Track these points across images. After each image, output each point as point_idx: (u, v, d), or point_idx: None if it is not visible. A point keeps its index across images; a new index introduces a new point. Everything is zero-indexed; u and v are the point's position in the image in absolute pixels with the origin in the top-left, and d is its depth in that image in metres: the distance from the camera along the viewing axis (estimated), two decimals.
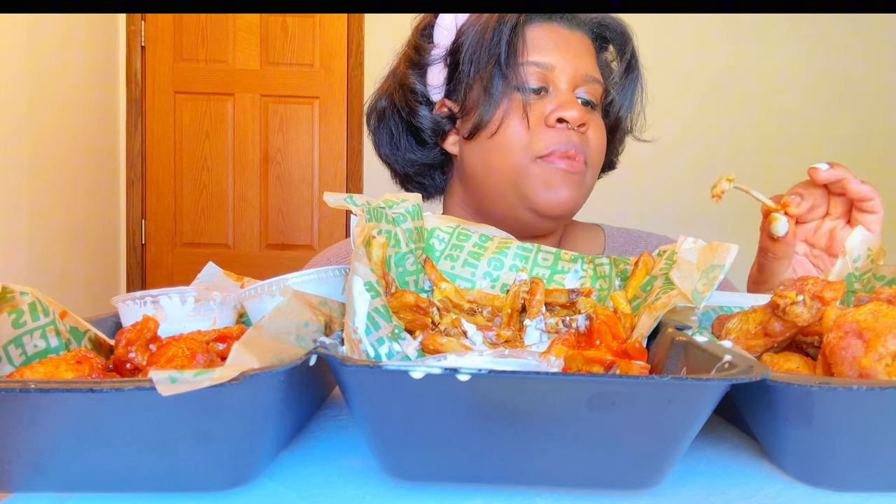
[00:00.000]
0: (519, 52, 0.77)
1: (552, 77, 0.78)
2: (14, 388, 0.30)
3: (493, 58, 0.76)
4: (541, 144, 0.76)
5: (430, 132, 0.85)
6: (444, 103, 0.84)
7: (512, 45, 0.77)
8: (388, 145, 0.89)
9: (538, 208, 0.78)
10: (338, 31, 2.96)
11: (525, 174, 0.77)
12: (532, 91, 0.78)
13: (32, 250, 2.35)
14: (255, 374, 0.31)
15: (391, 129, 0.88)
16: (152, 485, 0.33)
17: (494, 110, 0.78)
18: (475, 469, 0.33)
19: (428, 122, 0.84)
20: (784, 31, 2.94)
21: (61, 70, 2.48)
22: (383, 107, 0.88)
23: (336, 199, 0.53)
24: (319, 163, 3.03)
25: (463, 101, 0.81)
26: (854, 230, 0.58)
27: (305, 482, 0.36)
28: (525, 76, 0.77)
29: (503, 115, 0.78)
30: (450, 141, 0.85)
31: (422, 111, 0.84)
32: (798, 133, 2.98)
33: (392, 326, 0.46)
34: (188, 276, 0.65)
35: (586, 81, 0.79)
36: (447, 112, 0.84)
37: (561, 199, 0.77)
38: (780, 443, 0.36)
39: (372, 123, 0.90)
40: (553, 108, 0.76)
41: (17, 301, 0.42)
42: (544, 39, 0.79)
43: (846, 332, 0.37)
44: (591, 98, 0.80)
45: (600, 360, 0.37)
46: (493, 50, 0.77)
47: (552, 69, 0.78)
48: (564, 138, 0.76)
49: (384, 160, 0.91)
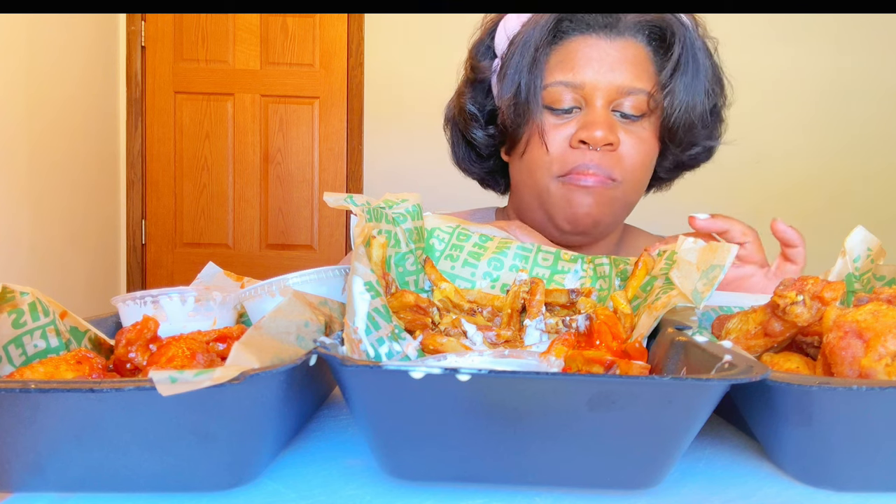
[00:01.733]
0: (544, 73, 0.76)
1: (586, 94, 0.76)
2: (14, 388, 0.30)
3: (515, 84, 0.76)
4: (557, 166, 0.77)
5: (485, 147, 0.88)
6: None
7: (535, 69, 0.76)
8: (454, 154, 0.94)
9: (560, 225, 0.80)
10: (338, 31, 2.96)
11: (547, 193, 0.79)
12: (563, 111, 0.77)
13: (32, 250, 2.35)
14: (255, 374, 0.31)
15: (454, 141, 0.93)
16: (152, 485, 0.33)
17: (521, 132, 0.79)
18: (475, 469, 0.33)
19: (482, 140, 0.87)
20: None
21: (61, 70, 2.48)
22: (448, 118, 0.92)
23: (336, 199, 0.53)
24: (319, 163, 3.03)
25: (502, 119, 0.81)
26: (854, 230, 0.58)
27: (305, 482, 0.36)
28: (555, 96, 0.76)
29: (528, 137, 0.79)
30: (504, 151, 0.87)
31: (474, 132, 0.87)
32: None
33: (392, 326, 0.46)
34: (188, 276, 0.65)
35: (626, 94, 0.75)
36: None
37: (580, 214, 0.77)
38: (780, 443, 0.36)
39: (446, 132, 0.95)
40: (577, 129, 0.76)
41: (17, 301, 0.42)
42: (576, 55, 0.76)
43: (846, 332, 0.37)
44: (634, 111, 0.76)
45: (600, 360, 0.37)
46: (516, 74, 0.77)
47: (582, 87, 0.75)
48: (583, 159, 0.75)
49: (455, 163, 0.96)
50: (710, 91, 0.80)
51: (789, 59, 2.95)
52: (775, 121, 2.96)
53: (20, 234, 2.28)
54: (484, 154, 0.90)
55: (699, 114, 0.78)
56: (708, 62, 0.79)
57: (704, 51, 0.79)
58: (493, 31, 0.83)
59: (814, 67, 2.95)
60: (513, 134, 0.80)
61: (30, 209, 2.32)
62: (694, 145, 0.83)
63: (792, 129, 2.97)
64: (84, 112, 2.65)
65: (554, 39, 0.78)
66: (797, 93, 2.96)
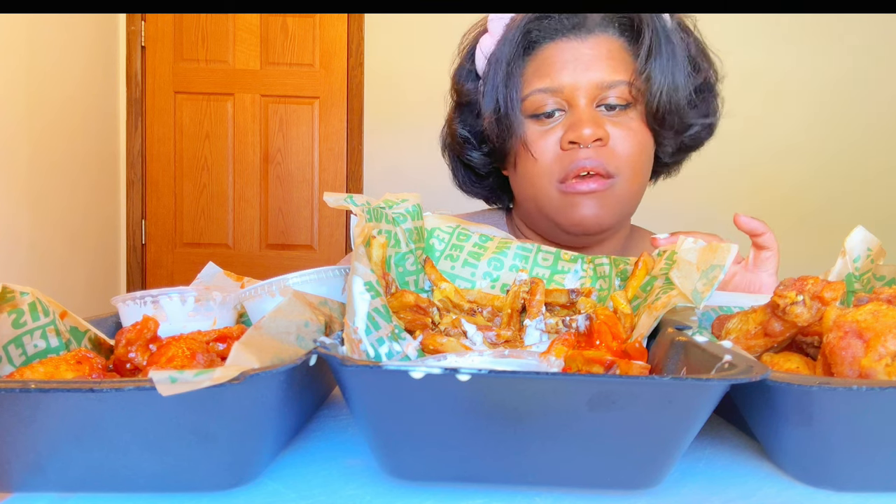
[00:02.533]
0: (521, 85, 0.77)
1: (567, 97, 0.76)
2: (14, 388, 0.30)
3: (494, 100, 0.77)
4: (555, 169, 0.77)
5: (482, 167, 0.89)
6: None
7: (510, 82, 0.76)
8: (455, 178, 0.95)
9: (567, 229, 0.80)
10: (338, 31, 2.96)
11: (548, 200, 0.79)
12: (545, 115, 0.77)
13: (32, 250, 2.35)
14: (255, 374, 0.31)
15: (454, 166, 0.94)
16: (152, 485, 0.33)
17: (508, 146, 0.80)
18: (475, 469, 0.33)
19: (478, 160, 0.88)
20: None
21: (61, 70, 2.48)
22: (444, 146, 0.93)
23: (336, 199, 0.53)
24: (319, 163, 3.03)
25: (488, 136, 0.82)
26: (854, 230, 0.58)
27: (305, 482, 0.36)
28: (537, 104, 0.77)
29: (516, 149, 0.80)
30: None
31: (470, 153, 0.88)
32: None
33: (392, 326, 0.46)
34: (188, 276, 0.65)
35: (608, 87, 0.76)
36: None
37: (585, 218, 0.78)
38: (780, 443, 0.36)
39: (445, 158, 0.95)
40: (565, 131, 0.76)
41: (17, 301, 0.42)
42: (550, 60, 0.77)
43: (846, 332, 0.37)
44: (620, 101, 0.77)
45: (600, 360, 0.37)
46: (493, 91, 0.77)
47: (562, 90, 0.76)
48: (576, 157, 0.75)
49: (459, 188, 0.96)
50: (693, 69, 0.79)
51: (793, 60, 2.94)
52: (778, 121, 2.96)
53: (20, 234, 2.28)
54: (483, 173, 0.91)
55: (683, 94, 0.77)
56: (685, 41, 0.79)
57: (680, 30, 0.78)
58: (472, 54, 0.84)
59: (818, 68, 2.95)
60: (500, 149, 0.81)
61: (30, 209, 2.32)
62: (690, 126, 0.82)
63: (794, 130, 2.97)
64: (84, 112, 2.65)
65: (526, 51, 0.79)
66: (801, 93, 2.96)
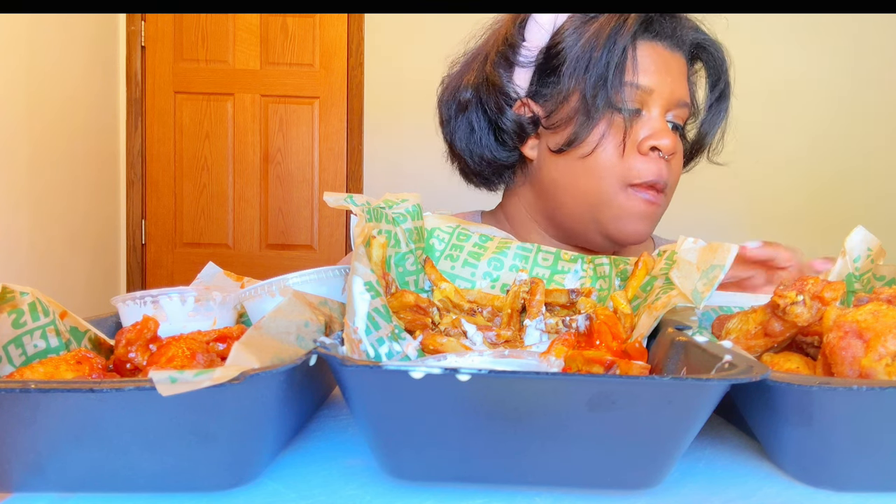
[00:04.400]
0: (626, 73, 0.74)
1: (648, 100, 0.75)
2: (14, 388, 0.30)
3: (601, 78, 0.73)
4: (633, 173, 0.74)
5: (513, 134, 0.81)
6: (527, 104, 0.79)
7: (620, 67, 0.73)
8: (465, 140, 0.84)
9: (613, 237, 0.78)
10: (338, 31, 2.96)
11: (609, 203, 0.75)
12: (632, 112, 0.75)
13: (32, 250, 2.35)
14: (255, 374, 0.31)
15: (472, 124, 0.83)
16: (152, 485, 0.33)
17: (591, 131, 0.74)
18: (475, 469, 0.33)
19: (512, 125, 0.80)
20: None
21: (61, 70, 2.48)
22: (467, 99, 0.83)
23: (336, 199, 0.53)
24: (319, 163, 3.03)
25: (553, 112, 0.77)
26: (854, 230, 0.58)
27: (305, 482, 0.36)
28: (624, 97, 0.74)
29: (600, 136, 0.74)
30: (529, 144, 0.81)
31: (508, 113, 0.80)
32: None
33: (392, 326, 0.46)
34: (188, 276, 0.65)
35: (678, 106, 0.77)
36: (531, 115, 0.79)
37: (636, 232, 0.77)
38: (780, 443, 0.36)
39: (447, 112, 0.85)
40: (647, 135, 0.74)
41: (17, 301, 0.42)
42: (646, 59, 0.75)
43: (846, 332, 0.37)
44: (680, 122, 0.78)
45: (600, 360, 0.37)
46: (600, 69, 0.73)
47: (650, 92, 0.75)
48: (656, 169, 0.74)
49: (458, 153, 0.86)
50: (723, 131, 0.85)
51: (803, 61, 2.94)
52: (785, 122, 2.96)
53: (20, 234, 2.28)
54: (507, 142, 0.82)
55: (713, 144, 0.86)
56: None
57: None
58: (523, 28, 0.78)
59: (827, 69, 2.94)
60: (578, 131, 0.74)
61: (30, 209, 2.32)
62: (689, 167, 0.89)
63: (796, 130, 2.97)
64: (84, 112, 2.65)
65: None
66: (809, 94, 2.95)
